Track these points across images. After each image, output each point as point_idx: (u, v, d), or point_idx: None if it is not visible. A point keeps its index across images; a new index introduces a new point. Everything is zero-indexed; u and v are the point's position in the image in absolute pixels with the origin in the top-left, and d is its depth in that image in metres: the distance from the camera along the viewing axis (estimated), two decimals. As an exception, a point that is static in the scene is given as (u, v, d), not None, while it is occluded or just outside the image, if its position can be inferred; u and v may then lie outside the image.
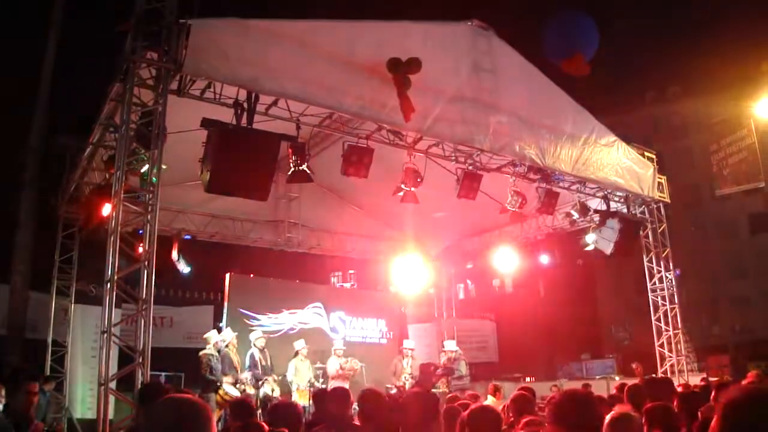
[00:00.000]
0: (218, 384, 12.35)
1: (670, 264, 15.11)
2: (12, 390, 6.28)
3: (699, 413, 5.52)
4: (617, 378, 18.09)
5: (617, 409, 4.65)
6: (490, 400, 10.24)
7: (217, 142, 8.58)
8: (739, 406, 2.11)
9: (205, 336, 13.25)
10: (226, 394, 12.18)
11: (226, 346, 13.00)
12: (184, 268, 12.89)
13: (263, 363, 13.29)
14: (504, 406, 6.52)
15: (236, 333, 13.56)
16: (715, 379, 12.45)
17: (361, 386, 13.19)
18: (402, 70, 9.69)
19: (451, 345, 15.88)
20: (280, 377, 13.69)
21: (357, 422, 5.01)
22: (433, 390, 13.12)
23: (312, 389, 12.96)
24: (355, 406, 5.36)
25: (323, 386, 13.22)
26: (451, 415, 5.19)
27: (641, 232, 14.92)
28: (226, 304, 15.65)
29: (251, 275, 17.69)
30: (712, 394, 6.52)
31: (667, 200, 15.17)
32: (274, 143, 9.02)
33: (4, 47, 15.84)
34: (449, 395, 10.56)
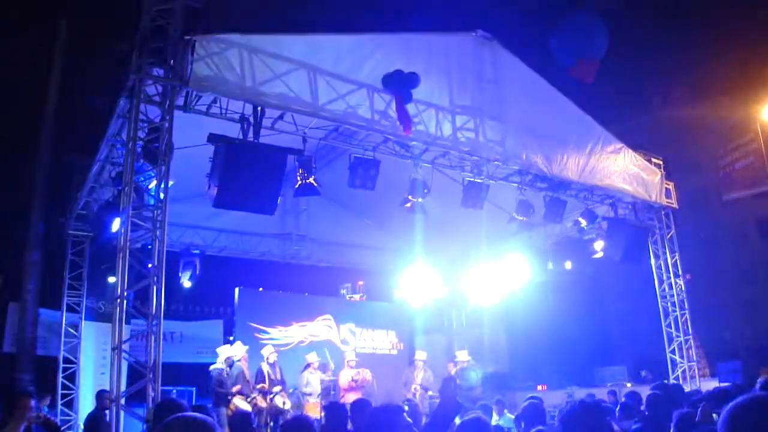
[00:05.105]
0: (229, 398, 12.34)
1: (679, 270, 15.07)
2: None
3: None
4: (628, 385, 18.00)
5: None
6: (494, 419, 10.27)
7: (224, 157, 8.61)
8: (741, 412, 2.13)
9: (217, 350, 13.28)
10: (237, 408, 12.17)
11: (238, 360, 12.99)
12: None
13: (272, 377, 13.26)
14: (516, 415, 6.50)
15: (247, 346, 13.54)
16: (727, 384, 12.37)
17: (372, 398, 13.19)
18: (398, 85, 9.75)
19: (463, 355, 15.82)
20: (291, 390, 13.68)
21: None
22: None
23: (323, 401, 12.95)
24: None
25: (335, 399, 13.20)
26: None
27: (650, 239, 14.88)
28: (235, 318, 15.68)
29: (260, 289, 17.71)
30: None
31: (675, 206, 15.13)
32: (280, 157, 9.06)
33: (9, 65, 15.93)
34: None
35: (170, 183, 8.41)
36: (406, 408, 6.19)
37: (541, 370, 26.31)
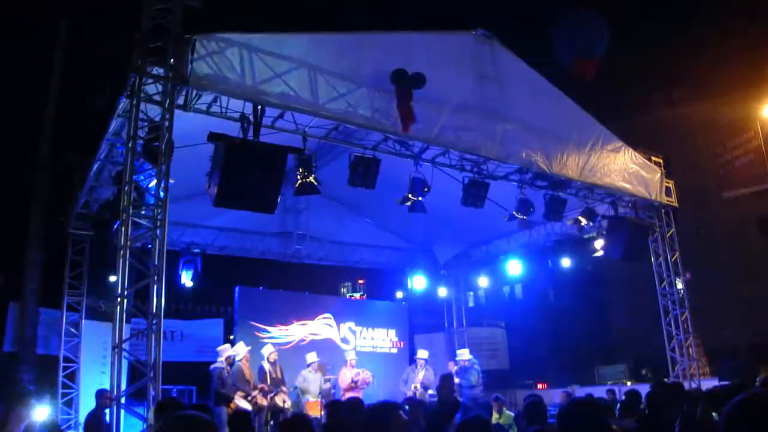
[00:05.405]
0: (230, 398, 12.32)
1: (680, 268, 15.06)
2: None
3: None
4: (629, 383, 18.02)
5: None
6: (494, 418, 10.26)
7: (224, 156, 8.60)
8: (741, 410, 2.13)
9: (217, 349, 13.27)
10: (237, 407, 12.16)
11: (239, 359, 12.97)
12: None
13: (273, 376, 13.26)
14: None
15: (249, 347, 13.52)
16: (727, 382, 12.37)
17: (372, 396, 13.20)
18: (405, 83, 9.76)
19: (464, 354, 15.79)
20: (292, 389, 13.69)
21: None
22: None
23: (324, 400, 12.96)
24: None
25: (336, 398, 13.20)
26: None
27: (650, 237, 14.86)
28: (236, 317, 15.69)
29: (260, 288, 17.73)
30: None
31: (675, 205, 15.10)
32: (281, 156, 9.05)
33: (9, 66, 15.93)
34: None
35: (170, 182, 8.40)
36: (407, 407, 6.19)
37: (542, 368, 26.32)
